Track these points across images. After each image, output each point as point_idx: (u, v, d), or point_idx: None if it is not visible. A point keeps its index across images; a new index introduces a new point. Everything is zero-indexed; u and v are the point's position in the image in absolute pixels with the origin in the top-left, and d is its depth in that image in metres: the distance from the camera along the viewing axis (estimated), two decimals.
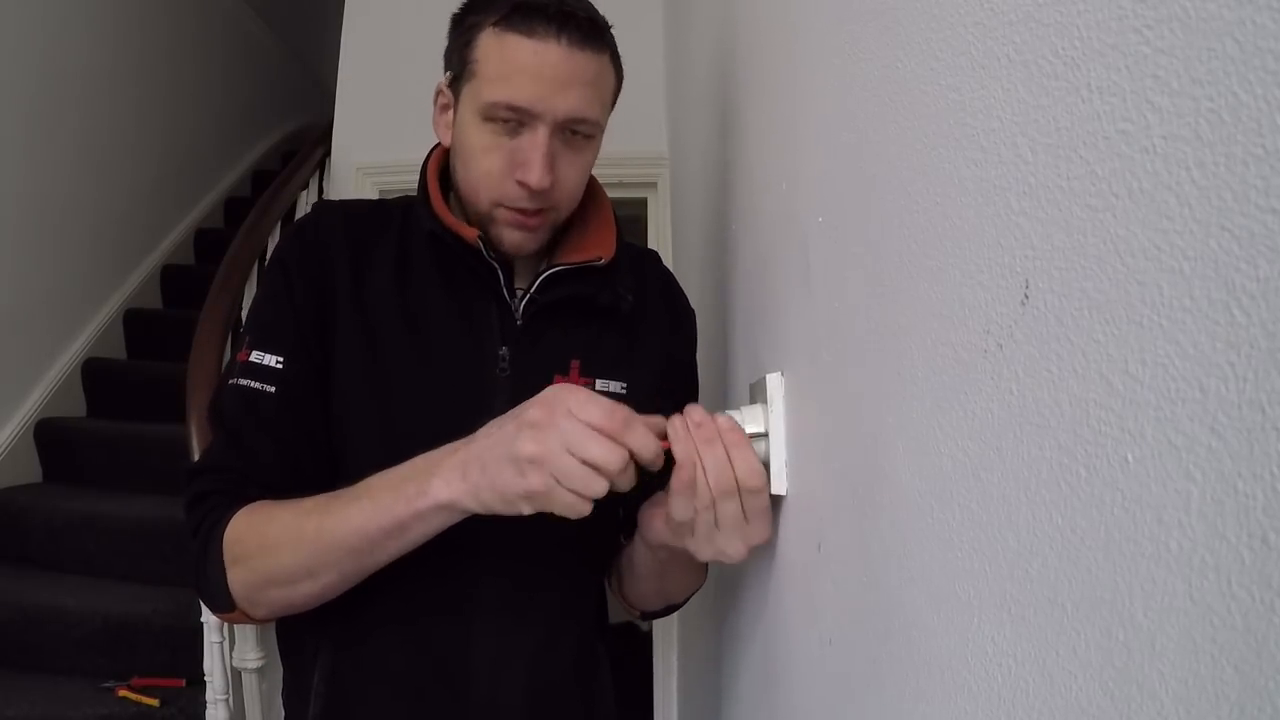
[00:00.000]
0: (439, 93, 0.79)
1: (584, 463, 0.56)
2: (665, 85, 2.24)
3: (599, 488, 0.57)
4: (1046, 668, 0.28)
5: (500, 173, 0.73)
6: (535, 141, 0.71)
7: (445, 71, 0.77)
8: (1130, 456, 0.24)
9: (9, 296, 2.51)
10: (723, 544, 0.61)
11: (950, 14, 0.36)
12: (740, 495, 0.59)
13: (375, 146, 2.45)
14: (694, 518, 0.61)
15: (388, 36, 2.52)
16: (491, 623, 0.76)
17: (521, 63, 0.69)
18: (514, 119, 0.71)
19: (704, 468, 0.58)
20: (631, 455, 0.58)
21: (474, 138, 0.73)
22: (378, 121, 2.47)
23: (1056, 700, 0.27)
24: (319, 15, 4.37)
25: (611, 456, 0.56)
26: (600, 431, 0.57)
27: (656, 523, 0.68)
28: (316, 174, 2.60)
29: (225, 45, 3.90)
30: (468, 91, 0.73)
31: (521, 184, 0.72)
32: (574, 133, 0.73)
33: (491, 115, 0.71)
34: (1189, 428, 0.22)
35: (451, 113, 0.77)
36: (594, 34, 0.71)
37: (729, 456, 0.59)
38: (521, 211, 0.74)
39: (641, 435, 0.58)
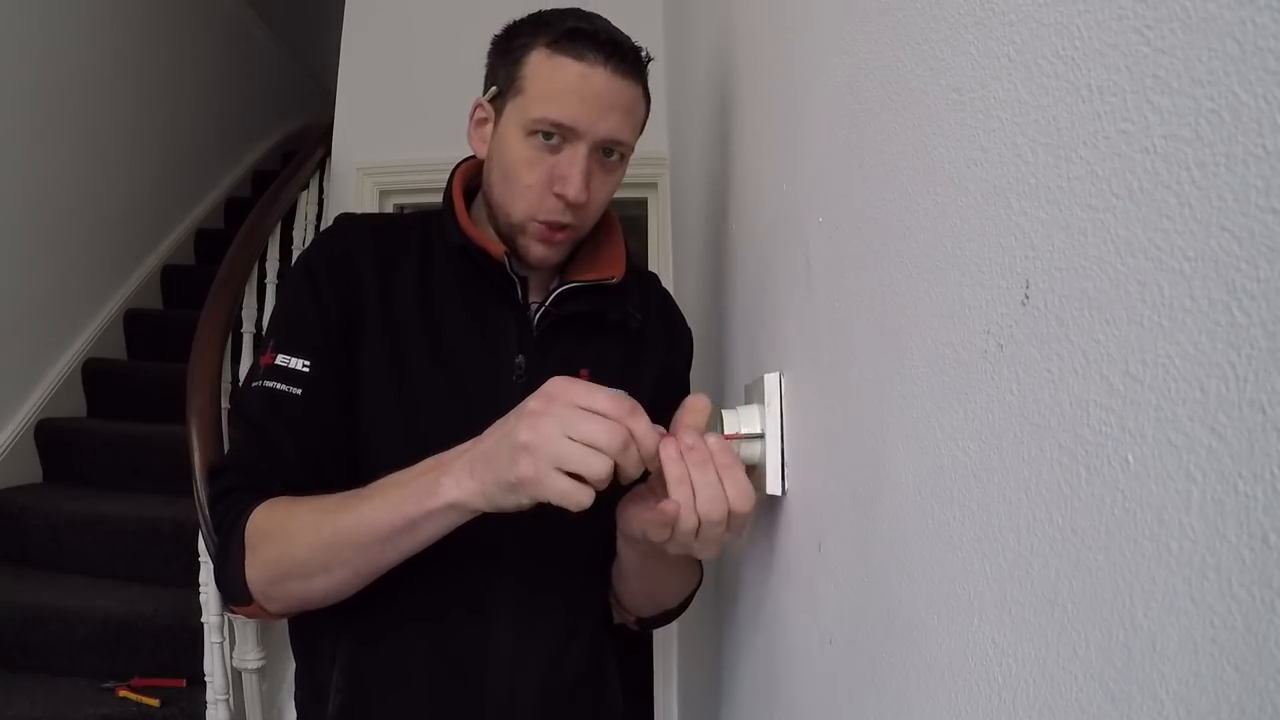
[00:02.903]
0: (477, 107, 0.82)
1: (583, 444, 0.56)
2: (665, 86, 2.24)
3: (599, 466, 0.55)
4: (1046, 668, 0.28)
5: (540, 185, 0.76)
6: (575, 158, 0.75)
7: (489, 87, 0.81)
8: (1131, 457, 0.24)
9: (9, 296, 2.51)
10: (697, 548, 0.62)
11: (950, 14, 0.36)
12: (729, 518, 0.59)
13: (375, 146, 2.45)
14: (674, 536, 0.61)
15: (388, 36, 2.52)
16: (508, 621, 0.78)
17: (569, 83, 0.74)
18: (557, 135, 0.75)
19: (695, 494, 0.58)
20: (633, 439, 0.57)
21: (516, 151, 0.77)
22: (378, 121, 2.47)
23: (1057, 700, 0.27)
24: (319, 15, 4.37)
25: (613, 436, 0.56)
26: (604, 416, 0.57)
27: (633, 519, 0.68)
28: (317, 174, 2.59)
29: (225, 45, 3.90)
30: (513, 106, 0.77)
31: (559, 196, 0.76)
32: (608, 154, 0.78)
33: (535, 130, 0.75)
34: (1189, 428, 0.22)
35: (489, 127, 0.81)
36: (636, 65, 0.77)
37: (721, 481, 0.58)
38: (550, 227, 0.78)
39: (645, 424, 0.58)
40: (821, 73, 0.56)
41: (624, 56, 0.75)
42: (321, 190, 2.60)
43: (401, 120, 2.40)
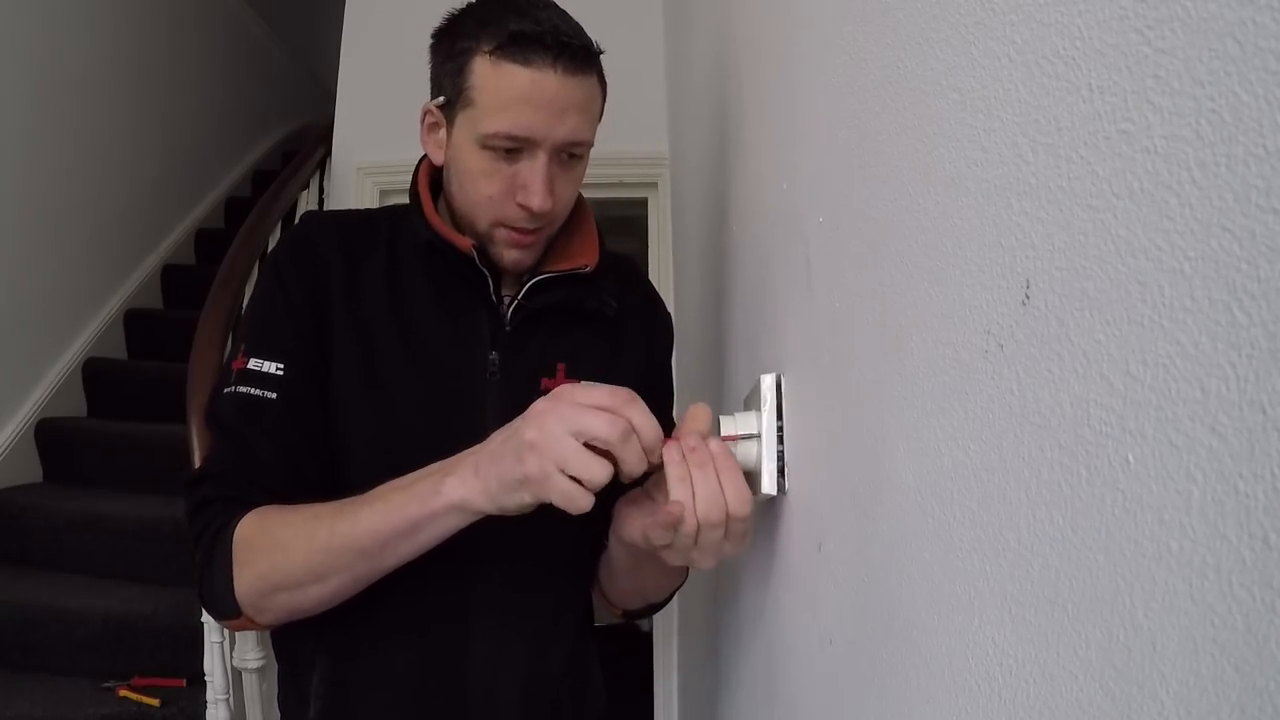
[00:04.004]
0: (426, 112, 0.79)
1: (587, 444, 0.56)
2: (665, 85, 2.24)
3: (599, 472, 0.56)
4: (1047, 668, 0.28)
5: (501, 196, 0.74)
6: (535, 167, 0.73)
7: (436, 95, 0.78)
8: (1131, 457, 0.24)
9: (9, 296, 2.51)
10: (696, 557, 0.62)
11: (951, 14, 0.36)
12: (726, 522, 0.59)
13: (376, 146, 2.45)
14: (674, 543, 0.61)
15: (388, 36, 2.52)
16: (489, 625, 0.78)
17: (519, 93, 0.70)
18: (513, 146, 0.72)
19: (694, 495, 0.58)
20: (633, 429, 0.57)
21: (472, 163, 0.74)
22: (378, 121, 2.46)
23: (1057, 700, 0.27)
24: (319, 15, 4.37)
25: (611, 428, 0.56)
26: (601, 409, 0.57)
27: (631, 523, 0.68)
28: (317, 174, 2.59)
29: (226, 45, 3.90)
30: (464, 118, 0.74)
31: (523, 207, 0.74)
32: (569, 154, 0.75)
33: (489, 144, 0.72)
34: (1190, 428, 0.22)
35: (443, 133, 0.78)
36: (587, 59, 0.73)
37: (720, 483, 0.59)
38: (520, 231, 0.76)
39: (643, 413, 0.58)
40: (821, 73, 0.56)
41: (573, 54, 0.71)
42: (322, 190, 2.60)
43: (402, 120, 2.39)
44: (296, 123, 4.58)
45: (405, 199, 0.86)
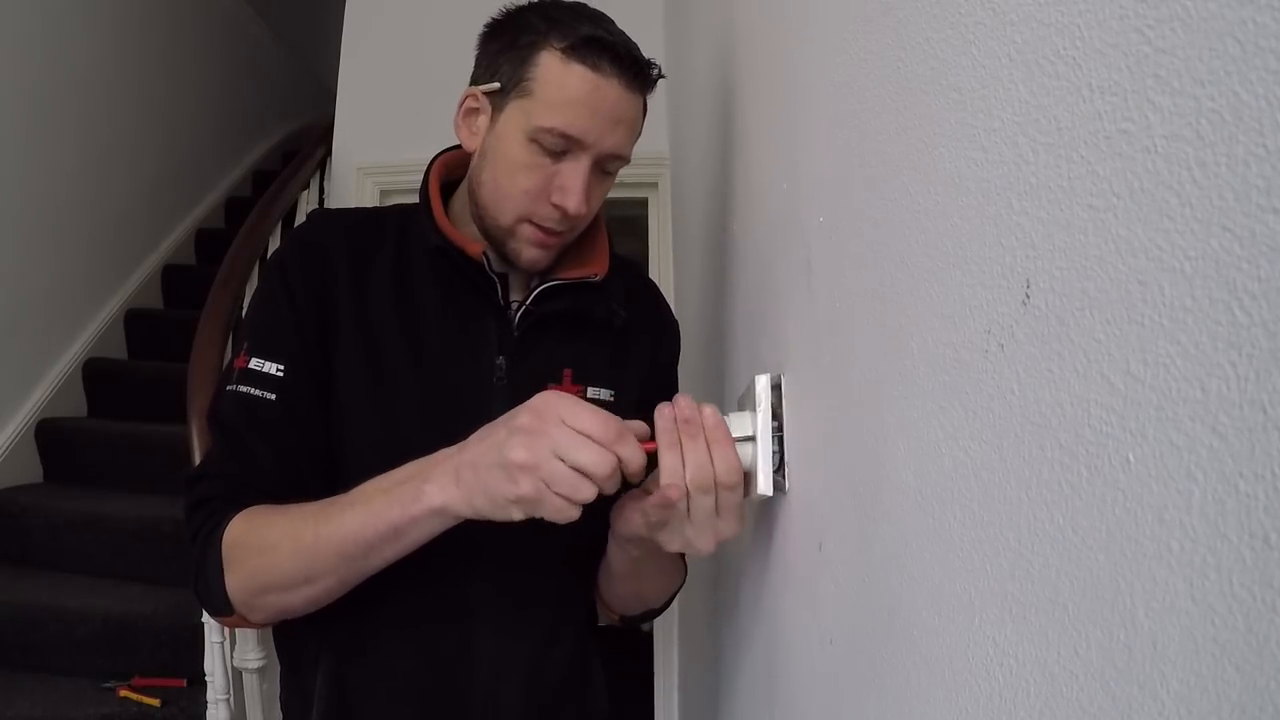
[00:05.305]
0: (468, 96, 0.79)
1: (574, 468, 0.57)
2: (665, 85, 2.24)
3: (587, 492, 0.57)
4: (1047, 668, 0.28)
5: (537, 192, 0.75)
6: (578, 169, 0.74)
7: (486, 76, 0.77)
8: (1132, 456, 0.24)
9: (9, 296, 2.51)
10: (691, 536, 0.62)
11: (952, 14, 0.36)
12: (716, 490, 0.60)
13: (376, 146, 2.45)
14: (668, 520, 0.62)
15: (388, 36, 2.52)
16: (491, 627, 0.78)
17: (581, 94, 0.72)
18: (561, 145, 0.73)
19: (684, 462, 0.59)
20: (619, 463, 0.58)
21: (516, 154, 0.74)
22: (378, 121, 2.47)
23: (1057, 700, 0.27)
24: (319, 15, 4.37)
25: (602, 464, 0.57)
26: (592, 440, 0.58)
27: (629, 514, 0.68)
28: (317, 174, 2.60)
29: (226, 45, 3.90)
30: (517, 107, 0.74)
31: (558, 207, 0.74)
32: (607, 168, 0.77)
33: (539, 138, 0.73)
34: (1190, 428, 0.22)
35: (482, 119, 0.78)
36: (647, 81, 0.76)
37: (710, 453, 0.60)
38: (545, 230, 0.76)
39: (631, 447, 0.59)
40: (821, 73, 0.56)
41: (639, 71, 0.74)
42: (322, 190, 2.60)
43: (402, 120, 2.40)
44: (296, 123, 4.58)
45: (405, 199, 0.86)
